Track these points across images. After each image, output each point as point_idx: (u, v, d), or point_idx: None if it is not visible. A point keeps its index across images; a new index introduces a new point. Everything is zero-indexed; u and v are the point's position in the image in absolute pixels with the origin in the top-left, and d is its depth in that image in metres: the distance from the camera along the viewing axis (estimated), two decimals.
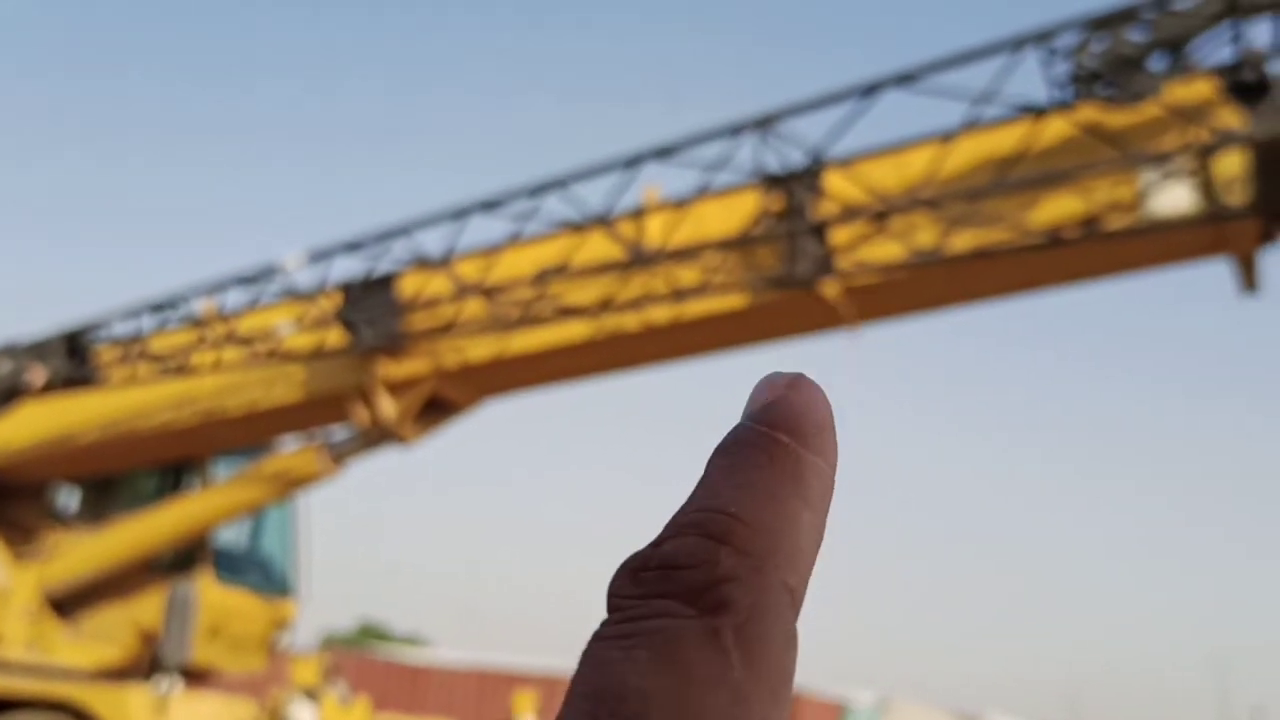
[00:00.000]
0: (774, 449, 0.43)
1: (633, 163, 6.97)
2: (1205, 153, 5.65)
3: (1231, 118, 5.78)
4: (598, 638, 0.41)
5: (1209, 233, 6.27)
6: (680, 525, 0.42)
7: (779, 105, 6.48)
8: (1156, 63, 5.61)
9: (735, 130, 6.51)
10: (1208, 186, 5.84)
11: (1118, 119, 5.93)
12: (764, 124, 6.47)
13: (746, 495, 0.42)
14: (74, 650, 10.32)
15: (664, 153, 6.84)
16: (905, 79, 5.97)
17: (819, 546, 0.43)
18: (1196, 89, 5.94)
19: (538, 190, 7.20)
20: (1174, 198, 5.96)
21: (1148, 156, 5.69)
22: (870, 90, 6.09)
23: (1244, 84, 5.85)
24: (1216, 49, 5.76)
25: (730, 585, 0.40)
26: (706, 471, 0.44)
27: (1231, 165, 5.84)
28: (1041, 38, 5.67)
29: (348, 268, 8.43)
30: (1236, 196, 5.78)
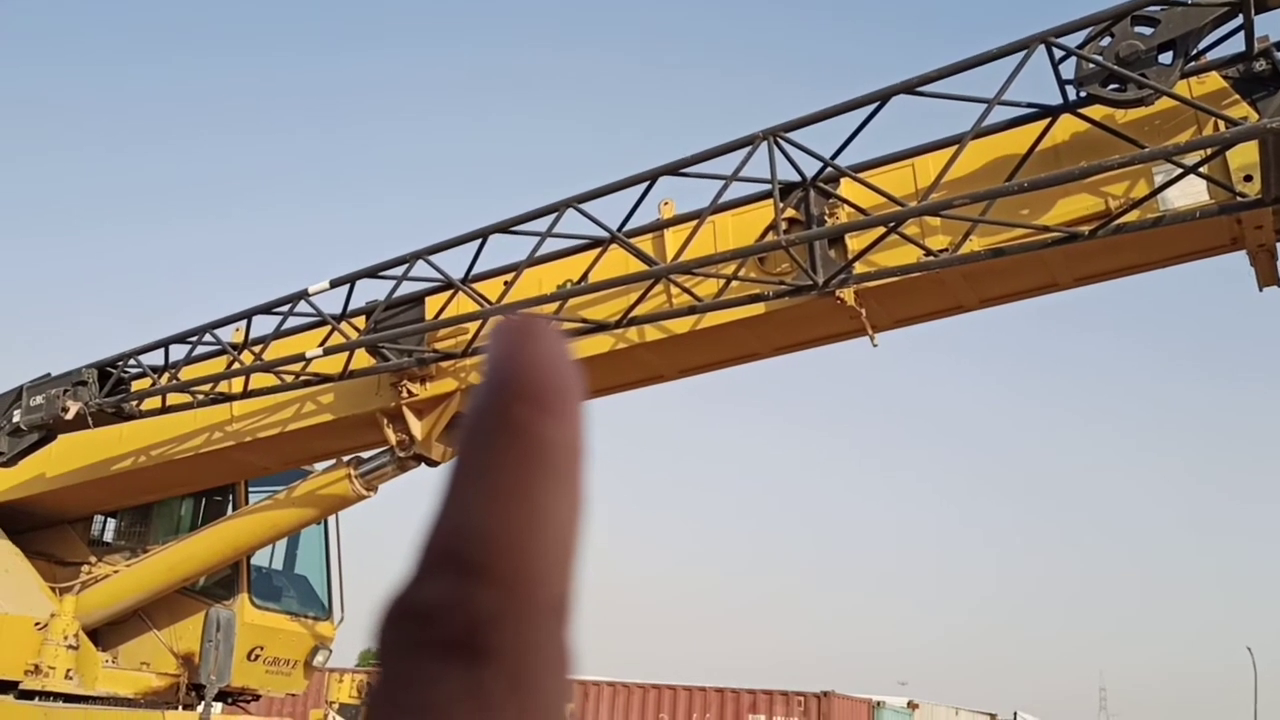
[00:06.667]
0: (516, 432, 0.41)
1: (649, 178, 7.02)
2: (1220, 146, 5.64)
3: (1245, 109, 5.77)
4: (372, 709, 0.40)
5: (1226, 227, 6.25)
6: (435, 557, 0.40)
7: (791, 116, 6.52)
8: (1166, 57, 5.60)
9: (748, 142, 6.55)
10: (1223, 179, 5.83)
11: (1130, 116, 5.93)
12: (777, 135, 6.50)
13: (496, 503, 0.40)
14: (114, 678, 10.45)
15: (679, 166, 6.88)
16: (915, 86, 5.99)
17: (579, 522, 0.42)
18: (1208, 82, 5.93)
19: (555, 209, 7.26)
20: (1189, 191, 5.95)
21: (1162, 151, 5.68)
22: (881, 98, 6.12)
23: (1256, 75, 5.83)
24: (1227, 42, 5.76)
25: (492, 629, 0.38)
26: (454, 467, 0.42)
27: (1246, 157, 5.82)
28: (1049, 38, 5.68)
29: (370, 292, 8.53)
30: (1252, 188, 5.76)
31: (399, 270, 8.04)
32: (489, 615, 0.39)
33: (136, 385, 9.53)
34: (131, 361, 9.51)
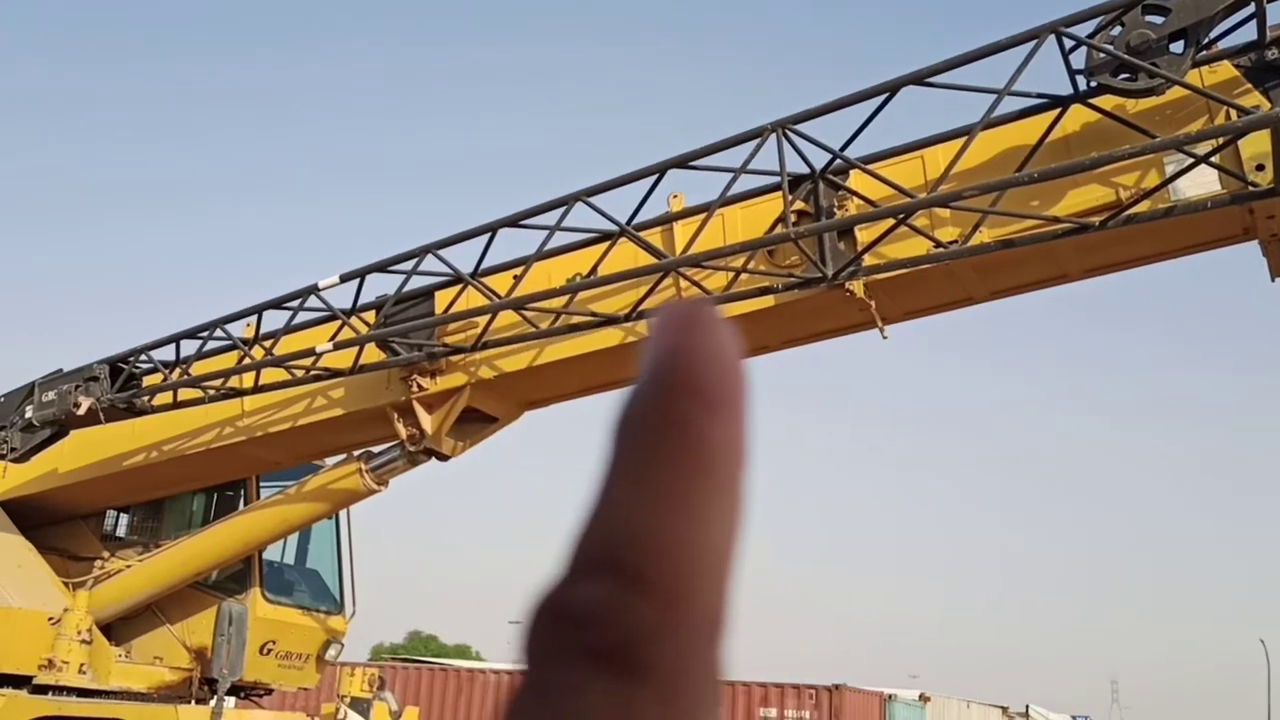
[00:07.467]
0: (678, 430, 0.38)
1: (657, 171, 7.01)
2: (1232, 135, 5.60)
3: (1257, 98, 5.73)
4: (512, 709, 0.38)
5: (1238, 216, 6.21)
6: (590, 559, 0.38)
7: (800, 108, 6.50)
8: (1177, 46, 5.57)
9: (757, 134, 6.53)
10: (1235, 169, 5.79)
11: (1141, 105, 5.90)
12: (785, 127, 6.48)
13: (656, 508, 0.38)
14: (127, 672, 10.49)
15: (688, 159, 6.87)
16: (924, 77, 5.97)
17: (739, 530, 0.39)
18: (1220, 71, 5.89)
19: (564, 202, 7.26)
20: (1201, 181, 5.92)
21: (1173, 141, 5.64)
22: (890, 89, 6.09)
23: (1268, 63, 5.80)
24: (1238, 30, 5.72)
25: (650, 645, 0.36)
26: (610, 464, 0.39)
27: (1258, 146, 5.78)
28: (1059, 27, 5.65)
29: (380, 287, 8.54)
30: (1264, 178, 5.72)
31: (408, 265, 8.05)
32: (648, 629, 0.36)
33: (148, 380, 9.56)
34: (143, 357, 9.55)
